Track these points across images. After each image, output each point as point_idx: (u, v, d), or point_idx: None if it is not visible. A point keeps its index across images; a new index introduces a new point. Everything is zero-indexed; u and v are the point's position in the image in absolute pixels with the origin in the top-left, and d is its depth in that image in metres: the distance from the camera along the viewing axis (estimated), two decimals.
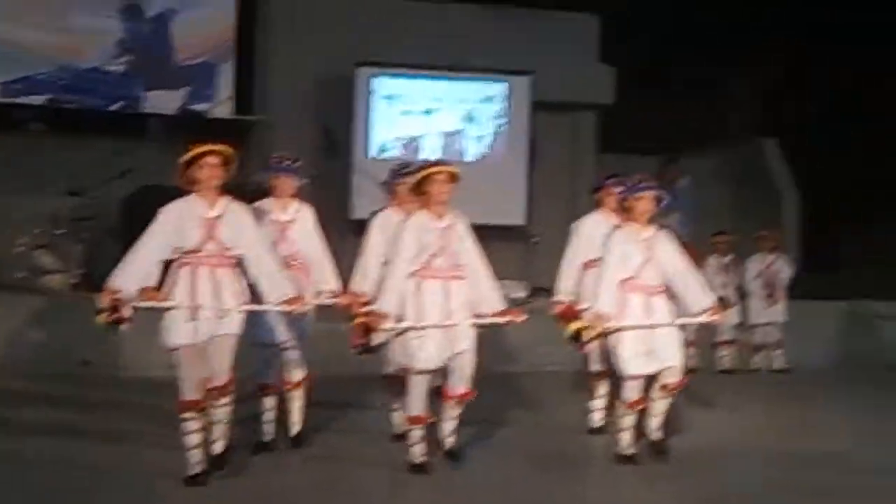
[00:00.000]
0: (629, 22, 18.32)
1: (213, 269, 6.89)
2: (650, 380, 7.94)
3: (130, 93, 15.16)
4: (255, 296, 7.23)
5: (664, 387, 7.92)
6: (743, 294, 13.67)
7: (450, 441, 7.72)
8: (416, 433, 7.49)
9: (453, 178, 7.46)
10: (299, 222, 8.17)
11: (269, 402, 8.09)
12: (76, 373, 10.94)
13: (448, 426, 7.68)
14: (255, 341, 7.88)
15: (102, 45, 15.09)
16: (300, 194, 8.34)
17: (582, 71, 16.31)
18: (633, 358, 7.80)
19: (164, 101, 15.30)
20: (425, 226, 7.40)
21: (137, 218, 7.47)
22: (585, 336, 7.71)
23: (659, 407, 8.02)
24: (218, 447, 7.15)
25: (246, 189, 8.45)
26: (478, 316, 7.52)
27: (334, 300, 8.11)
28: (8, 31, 14.68)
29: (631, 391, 7.90)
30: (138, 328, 7.19)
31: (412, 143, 15.34)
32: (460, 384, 7.47)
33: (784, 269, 13.76)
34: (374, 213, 8.95)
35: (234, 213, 7.00)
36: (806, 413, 10.71)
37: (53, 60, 14.85)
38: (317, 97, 15.41)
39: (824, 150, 18.89)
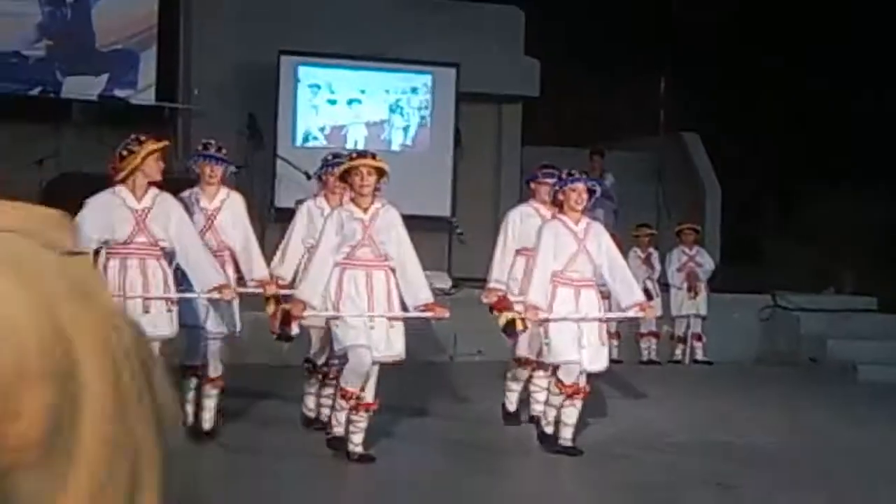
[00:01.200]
0: (554, 14, 18.40)
1: (143, 260, 6.89)
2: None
3: (50, 78, 14.91)
4: (183, 283, 7.19)
5: (575, 391, 7.88)
6: (665, 286, 13.78)
7: (359, 450, 7.50)
8: (343, 403, 7.38)
9: (378, 171, 7.39)
10: (227, 210, 8.09)
11: (191, 383, 7.98)
12: None
13: (355, 437, 7.48)
14: (182, 322, 7.81)
15: (22, 29, 14.82)
16: (227, 182, 8.26)
17: (507, 63, 16.33)
18: (567, 345, 7.80)
19: (84, 87, 15.07)
20: (349, 216, 7.35)
21: (57, 204, 7.30)
22: (518, 327, 7.72)
23: (570, 416, 7.97)
24: None
25: (171, 177, 8.36)
26: (404, 309, 7.47)
27: (261, 289, 8.05)
28: None
29: (567, 375, 7.85)
30: None
31: (337, 133, 15.26)
32: (369, 392, 7.40)
33: (705, 262, 13.90)
34: (300, 202, 8.91)
35: (162, 204, 6.98)
36: (725, 405, 10.82)
37: None
38: (241, 85, 15.28)
39: (746, 144, 19.11)
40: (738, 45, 19.77)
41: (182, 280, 7.27)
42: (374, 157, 7.53)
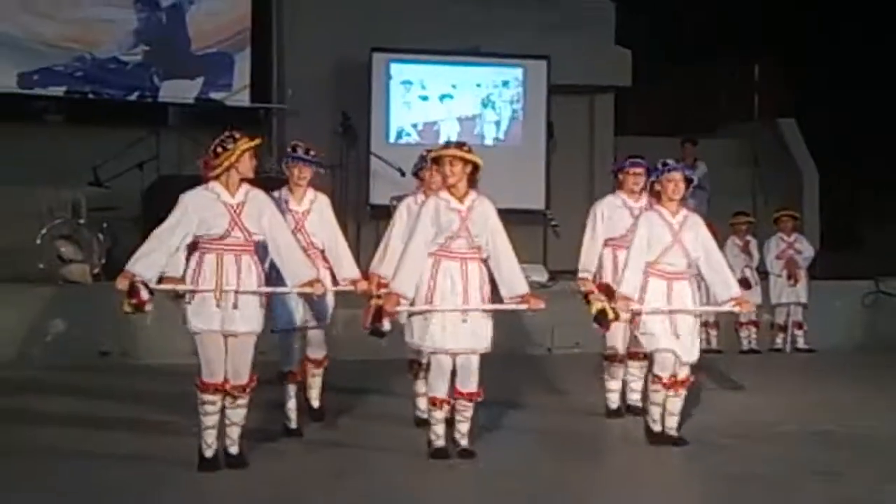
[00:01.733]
0: (644, 3, 18.29)
1: (238, 255, 6.94)
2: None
3: (147, 82, 15.15)
4: (273, 281, 7.27)
5: (675, 383, 7.85)
6: (764, 274, 13.63)
7: (464, 442, 7.54)
8: (437, 415, 7.43)
9: (464, 161, 7.38)
10: (315, 212, 8.19)
11: (292, 389, 8.13)
12: (96, 363, 10.98)
13: (462, 427, 7.51)
14: (276, 328, 7.94)
15: (119, 35, 15.08)
16: (316, 183, 8.33)
17: (598, 54, 16.26)
18: (662, 334, 7.76)
19: (181, 91, 15.30)
20: (445, 206, 7.34)
21: (157, 207, 7.52)
22: (609, 317, 7.68)
23: (673, 406, 7.94)
24: (233, 450, 7.12)
25: (265, 176, 8.47)
26: (499, 298, 7.48)
27: (352, 287, 8.12)
28: (25, 23, 14.69)
29: (662, 367, 7.82)
30: (157, 316, 7.23)
31: (430, 129, 15.31)
32: (469, 383, 7.39)
33: (805, 249, 13.71)
34: (397, 198, 8.96)
35: (255, 199, 7.02)
36: (828, 393, 10.67)
37: (71, 51, 14.84)
38: (334, 84, 15.40)
39: (844, 130, 18.82)
40: (834, 29, 19.47)
41: (276, 281, 7.33)
42: (462, 147, 7.49)
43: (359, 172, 14.81)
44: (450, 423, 7.60)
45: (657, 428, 7.97)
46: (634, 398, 8.89)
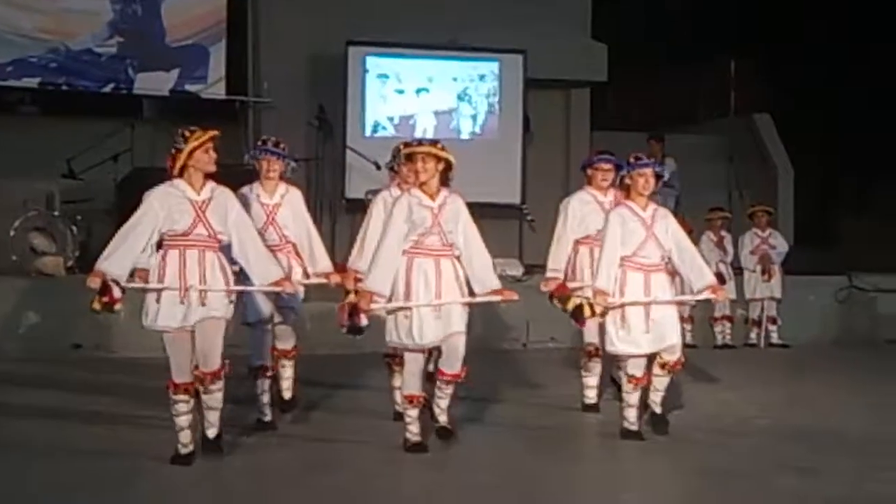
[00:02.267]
0: None
1: (202, 251, 6.89)
2: (651, 357, 7.92)
3: (122, 74, 15.09)
4: (242, 277, 7.22)
5: (663, 365, 7.91)
6: (738, 269, 13.68)
7: (442, 419, 7.69)
8: (412, 412, 7.46)
9: (436, 158, 7.38)
10: (287, 205, 8.16)
11: (264, 383, 8.09)
12: (69, 355, 10.93)
13: (441, 402, 7.65)
14: (245, 321, 7.93)
15: (94, 26, 15.02)
16: (288, 177, 8.29)
17: (575, 48, 16.28)
18: (633, 338, 7.77)
19: (156, 83, 15.25)
20: (417, 203, 7.34)
21: (131, 199, 7.45)
22: (586, 313, 7.69)
23: (660, 383, 8.01)
24: (211, 433, 7.11)
25: (240, 169, 8.43)
26: (471, 294, 7.48)
27: (326, 280, 8.12)
28: None
29: (634, 368, 7.88)
30: (130, 310, 7.19)
31: (406, 122, 15.29)
32: (454, 364, 7.43)
33: (779, 244, 13.76)
34: (372, 192, 8.93)
35: (220, 197, 6.99)
36: (802, 388, 10.73)
37: (44, 42, 14.77)
38: (309, 77, 15.37)
39: (819, 126, 18.90)
40: (809, 24, 19.54)
41: (242, 276, 7.29)
42: (435, 144, 7.51)
43: (334, 166, 14.79)
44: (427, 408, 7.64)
45: (633, 429, 7.97)
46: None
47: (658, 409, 8.11)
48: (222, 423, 7.16)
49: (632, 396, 7.94)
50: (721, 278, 12.98)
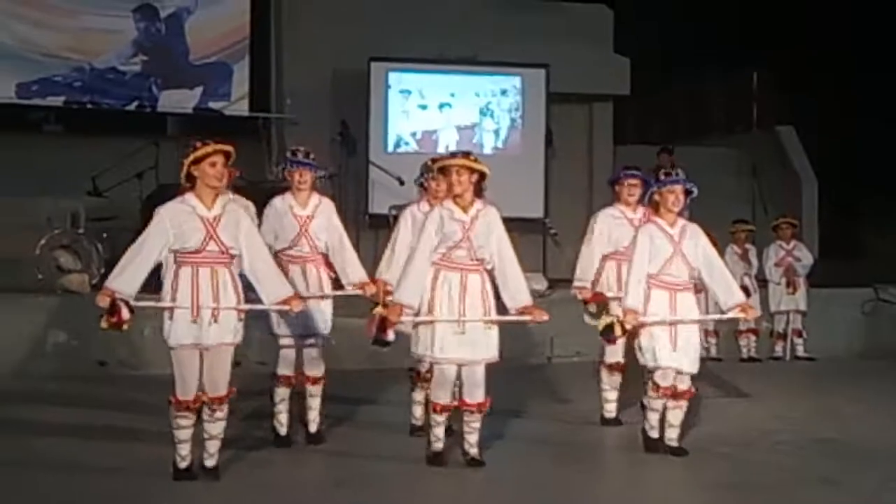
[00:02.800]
0: (643, 12, 18.30)
1: (214, 268, 6.82)
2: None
3: (146, 92, 15.19)
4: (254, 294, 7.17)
5: (675, 395, 7.84)
6: (763, 282, 13.62)
7: (473, 451, 7.51)
8: (438, 418, 7.41)
9: (470, 170, 7.36)
10: (320, 216, 8.15)
11: (283, 392, 8.04)
12: (94, 373, 10.97)
13: (471, 437, 7.48)
14: (272, 332, 7.95)
15: (118, 45, 15.13)
16: (317, 187, 8.32)
17: (597, 62, 16.28)
18: (663, 350, 7.73)
19: (179, 100, 15.35)
20: (449, 215, 7.32)
21: None
22: (616, 331, 7.66)
23: (674, 417, 7.92)
24: (210, 463, 7.01)
25: (264, 185, 8.45)
26: (501, 313, 7.43)
27: (361, 291, 8.09)
28: (23, 33, 14.73)
29: (662, 378, 7.80)
30: (155, 328, 7.20)
31: (428, 138, 15.32)
32: (475, 393, 7.36)
33: (804, 257, 13.70)
34: (396, 207, 8.95)
35: (232, 212, 6.92)
36: (828, 401, 10.66)
37: (69, 61, 14.88)
38: (332, 93, 15.43)
39: (843, 137, 18.83)
40: (832, 35, 19.47)
41: (254, 293, 7.25)
42: (468, 156, 7.47)
43: (357, 181, 14.82)
44: (452, 431, 7.61)
45: (654, 434, 7.96)
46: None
47: (675, 444, 7.95)
48: (221, 455, 7.08)
49: (656, 402, 7.89)
50: (746, 291, 12.97)
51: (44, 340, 11.24)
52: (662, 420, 7.95)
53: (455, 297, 7.27)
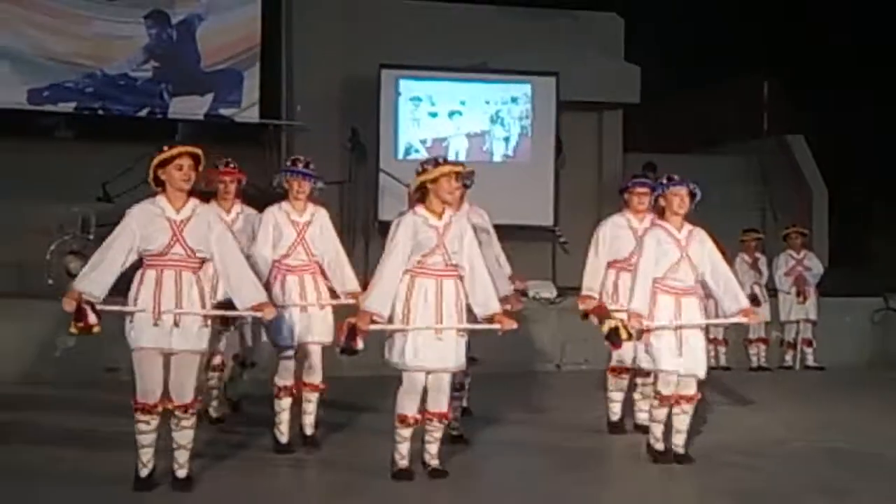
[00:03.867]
0: (653, 20, 18.29)
1: (179, 272, 6.75)
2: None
3: (157, 99, 15.22)
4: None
5: (680, 399, 7.83)
6: (773, 291, 13.61)
7: (435, 462, 7.40)
8: (403, 433, 7.27)
9: (458, 176, 7.41)
10: (316, 224, 8.14)
11: (286, 402, 8.05)
12: (103, 379, 10.98)
13: (431, 448, 7.38)
14: (273, 342, 7.97)
15: (129, 51, 15.16)
16: (316, 198, 8.32)
17: (607, 70, 16.28)
18: (669, 353, 7.72)
19: (190, 107, 15.36)
20: (423, 222, 7.26)
21: None
22: (622, 335, 7.66)
23: (681, 423, 7.90)
24: (181, 474, 6.93)
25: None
26: (472, 321, 7.34)
27: (354, 301, 8.00)
28: (35, 39, 14.76)
29: (665, 386, 7.81)
30: None
31: (439, 145, 15.32)
32: (439, 402, 7.27)
33: (814, 266, 13.69)
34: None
35: (202, 216, 6.84)
36: (837, 411, 10.64)
37: (80, 67, 14.91)
38: (343, 100, 15.44)
39: (853, 146, 18.80)
40: (842, 44, 19.46)
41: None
42: (447, 161, 7.51)
43: (367, 188, 14.83)
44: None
45: (659, 447, 7.96)
46: (642, 417, 8.81)
47: (682, 451, 7.94)
48: (192, 464, 7.00)
49: (660, 412, 7.89)
50: (755, 300, 13.00)
51: (53, 346, 11.25)
52: (668, 430, 7.94)
53: (431, 304, 7.18)
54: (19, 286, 12.39)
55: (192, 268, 6.79)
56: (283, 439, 8.08)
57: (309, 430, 8.20)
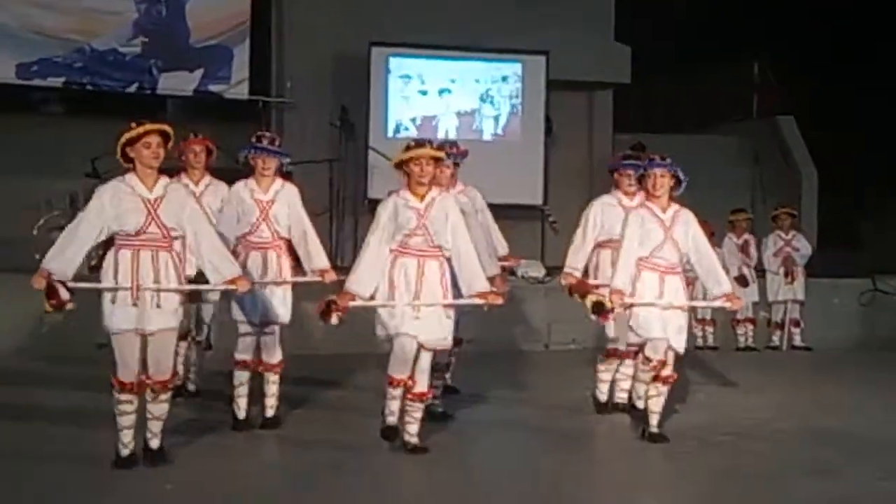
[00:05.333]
0: (645, 1, 18.26)
1: (156, 251, 6.72)
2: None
3: (146, 74, 15.14)
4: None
5: (656, 378, 7.86)
6: (761, 272, 13.63)
7: (414, 440, 7.43)
8: (394, 392, 7.39)
9: (436, 160, 7.42)
10: (281, 201, 8.08)
11: (242, 376, 8.03)
12: (92, 355, 10.95)
13: (410, 427, 7.42)
14: (232, 318, 7.95)
15: (118, 26, 15.07)
16: (282, 173, 8.29)
17: (598, 50, 16.26)
18: (652, 323, 7.77)
19: (179, 83, 15.29)
20: (404, 204, 7.31)
21: None
22: (606, 305, 7.66)
23: (656, 404, 7.94)
24: (154, 443, 6.95)
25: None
26: (457, 297, 7.39)
27: (321, 278, 8.06)
28: (24, 14, 14.67)
29: (654, 350, 7.81)
30: None
31: (428, 123, 15.30)
32: (422, 380, 7.36)
33: (802, 247, 13.71)
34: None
35: (174, 193, 6.82)
36: (825, 391, 10.68)
37: (69, 42, 14.83)
38: (332, 78, 15.40)
39: (843, 128, 18.81)
40: (833, 25, 19.45)
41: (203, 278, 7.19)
42: (431, 144, 7.55)
43: (356, 166, 14.80)
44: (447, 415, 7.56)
45: (640, 404, 8.14)
46: (622, 397, 8.88)
47: (656, 430, 7.96)
48: (164, 435, 7.01)
49: (646, 374, 7.95)
50: (744, 281, 13.05)
51: (40, 322, 11.22)
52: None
53: (412, 282, 7.26)
54: (6, 261, 12.35)
55: (167, 247, 6.76)
56: (241, 414, 8.04)
57: (269, 412, 8.12)
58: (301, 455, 7.54)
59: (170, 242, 6.78)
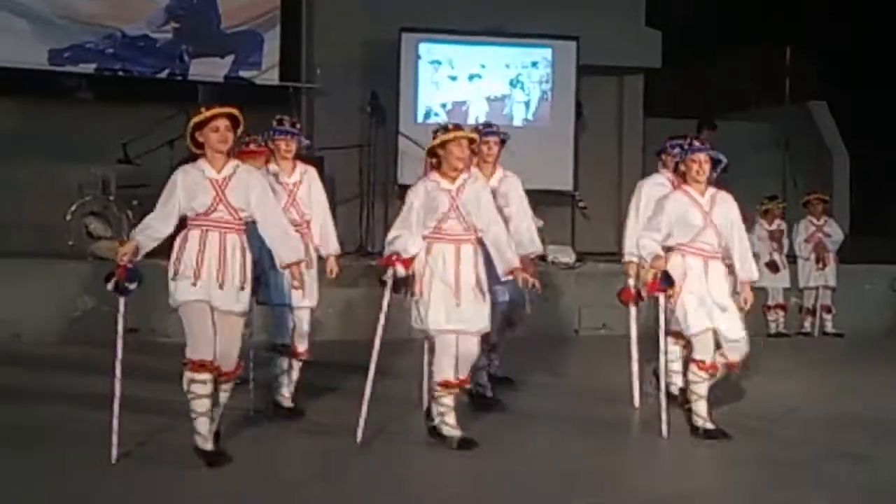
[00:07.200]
0: None
1: (224, 234, 6.73)
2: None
3: (177, 60, 15.19)
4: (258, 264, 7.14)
5: (726, 365, 7.72)
6: (793, 258, 13.58)
7: (457, 433, 7.30)
8: (447, 401, 7.28)
9: (471, 141, 7.41)
10: (306, 183, 8.12)
11: (286, 363, 8.04)
12: (124, 340, 10.99)
13: (449, 419, 7.31)
14: (269, 301, 7.92)
15: (149, 12, 15.13)
16: (302, 156, 8.33)
17: (628, 35, 16.20)
18: (699, 312, 7.64)
19: (210, 69, 15.34)
20: (435, 187, 7.28)
21: None
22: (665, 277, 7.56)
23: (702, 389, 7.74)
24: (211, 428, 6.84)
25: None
26: (491, 279, 7.37)
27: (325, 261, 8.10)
28: (56, 1, 14.74)
29: (702, 351, 7.69)
30: None
31: (458, 109, 15.29)
32: (464, 368, 7.30)
33: (834, 233, 13.65)
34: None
35: (242, 175, 6.82)
36: (856, 378, 10.64)
37: (101, 28, 14.90)
38: (363, 63, 15.41)
39: (875, 113, 18.69)
40: (865, 9, 19.31)
41: (261, 256, 7.23)
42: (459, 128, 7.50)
43: (387, 152, 14.81)
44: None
45: (709, 426, 7.73)
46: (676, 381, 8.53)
47: (710, 426, 7.77)
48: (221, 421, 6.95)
49: (701, 386, 7.71)
50: (775, 267, 13.01)
51: (73, 307, 11.31)
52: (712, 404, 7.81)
53: (450, 268, 7.21)
54: (40, 246, 12.45)
55: (235, 229, 6.77)
56: (286, 403, 8.05)
57: (287, 402, 8.10)
58: (323, 442, 7.49)
59: (238, 224, 6.78)
